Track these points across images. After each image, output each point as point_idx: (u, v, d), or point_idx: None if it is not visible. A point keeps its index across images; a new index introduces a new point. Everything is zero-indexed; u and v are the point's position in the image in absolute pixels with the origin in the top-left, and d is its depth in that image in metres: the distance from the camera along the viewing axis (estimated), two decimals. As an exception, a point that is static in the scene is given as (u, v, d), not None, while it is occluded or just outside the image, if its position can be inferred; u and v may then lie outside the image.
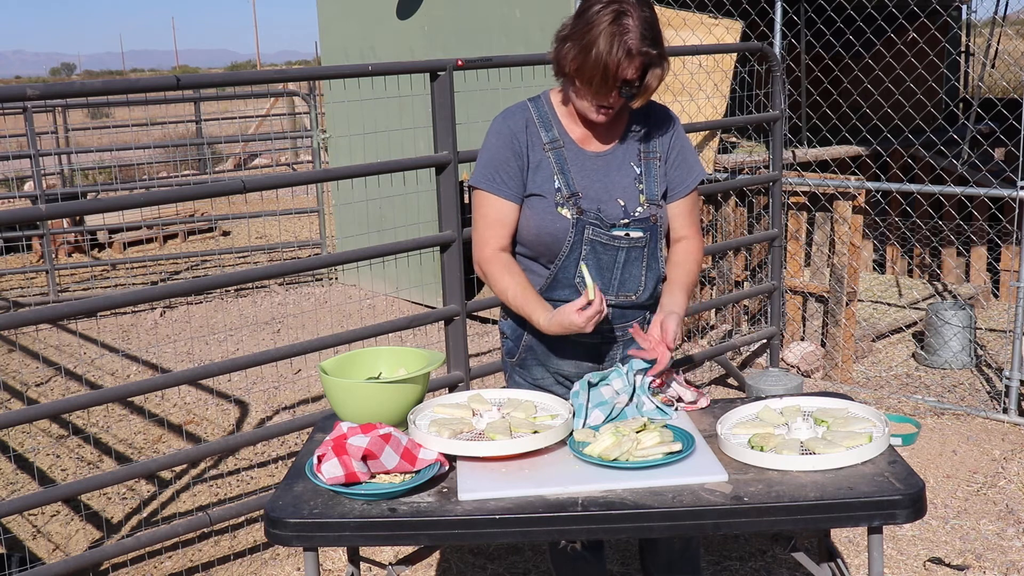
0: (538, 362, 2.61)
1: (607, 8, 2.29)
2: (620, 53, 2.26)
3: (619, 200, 2.50)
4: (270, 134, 11.29)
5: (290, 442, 4.89)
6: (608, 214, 2.48)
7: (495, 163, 2.49)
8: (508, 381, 2.72)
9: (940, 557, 3.57)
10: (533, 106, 2.54)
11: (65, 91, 4.30)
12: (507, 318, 2.65)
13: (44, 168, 8.86)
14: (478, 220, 2.54)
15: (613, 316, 2.55)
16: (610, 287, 2.53)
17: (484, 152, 2.53)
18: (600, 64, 2.28)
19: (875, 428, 2.26)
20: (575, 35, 2.33)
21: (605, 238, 2.48)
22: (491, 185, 2.49)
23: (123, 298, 3.63)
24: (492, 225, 2.51)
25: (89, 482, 3.35)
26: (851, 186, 5.27)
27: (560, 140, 2.50)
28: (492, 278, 2.52)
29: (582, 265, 2.45)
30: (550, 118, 2.52)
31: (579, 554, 2.69)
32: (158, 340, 6.79)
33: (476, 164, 2.54)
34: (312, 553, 2.13)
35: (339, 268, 8.20)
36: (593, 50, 2.27)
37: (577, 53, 2.31)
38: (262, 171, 13.69)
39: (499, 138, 2.51)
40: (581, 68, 2.31)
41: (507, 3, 6.39)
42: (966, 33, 8.81)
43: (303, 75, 5.12)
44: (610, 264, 2.51)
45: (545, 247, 2.50)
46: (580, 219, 2.46)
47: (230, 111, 17.75)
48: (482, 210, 2.52)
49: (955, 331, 5.49)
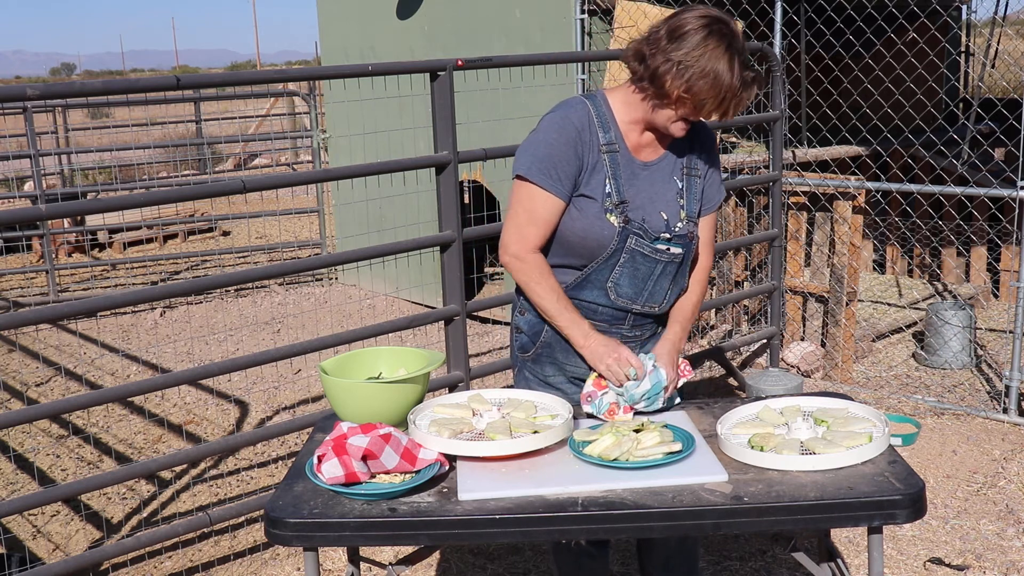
0: (553, 360, 2.61)
1: (715, 30, 2.29)
2: (738, 81, 2.29)
3: (662, 213, 2.49)
4: (270, 134, 11.29)
5: (290, 442, 4.89)
6: (652, 226, 2.47)
7: (554, 159, 2.42)
8: (516, 377, 2.72)
9: (940, 557, 3.57)
10: (591, 104, 2.49)
11: (65, 91, 4.30)
12: (524, 314, 2.63)
13: (44, 168, 8.86)
14: (521, 213, 2.47)
15: (632, 322, 2.57)
16: (639, 297, 2.53)
17: (541, 144, 2.44)
18: (720, 90, 2.29)
19: (875, 428, 2.26)
20: (687, 56, 2.29)
21: (648, 249, 2.48)
22: (547, 181, 2.43)
23: (123, 298, 3.64)
24: (537, 222, 2.45)
25: (89, 482, 3.35)
26: (851, 186, 5.27)
27: (616, 144, 2.47)
28: (527, 278, 2.48)
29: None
30: (608, 120, 2.48)
31: (584, 550, 2.69)
32: (158, 340, 6.79)
33: (527, 154, 2.46)
34: (312, 553, 2.13)
35: (339, 268, 8.20)
36: (715, 77, 2.27)
37: (691, 76, 2.28)
38: (262, 171, 13.68)
39: (561, 133, 2.44)
40: (693, 90, 2.29)
41: (507, 3, 6.39)
42: (966, 33, 8.81)
43: (303, 75, 5.12)
44: (646, 275, 2.51)
45: (587, 250, 2.47)
46: (625, 228, 2.45)
47: (230, 111, 17.75)
48: (528, 204, 2.45)
49: (955, 331, 5.49)
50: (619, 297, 2.52)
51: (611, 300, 2.52)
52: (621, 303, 2.53)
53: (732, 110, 2.36)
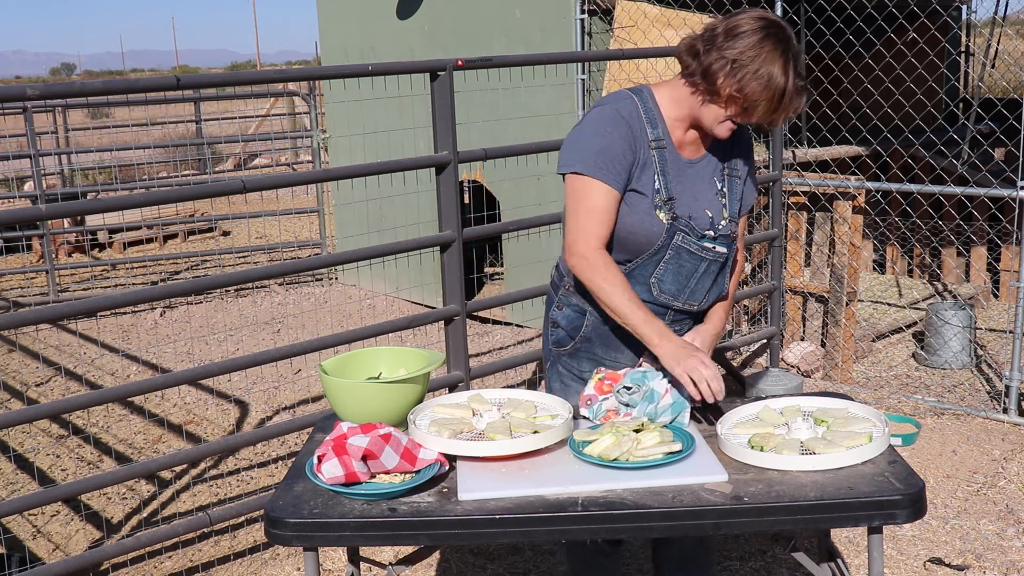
0: (591, 356, 2.59)
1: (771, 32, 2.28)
2: (791, 87, 2.28)
3: (707, 211, 2.49)
4: (270, 134, 11.29)
5: (290, 442, 4.89)
6: (699, 223, 2.47)
7: (610, 152, 2.39)
8: (549, 371, 2.70)
9: (940, 557, 3.57)
10: (639, 99, 2.46)
11: (65, 91, 4.30)
12: (562, 308, 2.62)
13: (44, 168, 8.86)
14: (581, 210, 2.41)
15: (671, 319, 2.56)
16: (681, 294, 2.53)
17: (595, 137, 2.41)
18: (772, 93, 2.28)
19: (875, 428, 2.26)
20: (741, 55, 2.27)
21: (694, 247, 2.47)
22: (605, 174, 2.38)
23: (123, 298, 3.64)
24: (600, 217, 2.40)
25: (89, 482, 3.36)
26: (851, 186, 5.27)
27: (663, 140, 2.45)
28: (595, 275, 2.40)
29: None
30: (656, 115, 2.46)
31: (599, 548, 2.68)
32: (158, 340, 6.79)
33: (578, 148, 2.42)
34: (312, 553, 2.13)
35: (339, 268, 8.20)
36: (768, 79, 2.26)
37: (744, 76, 2.27)
38: (262, 171, 13.69)
39: (615, 126, 2.40)
40: (745, 90, 2.28)
41: (507, 3, 6.39)
42: (966, 33, 8.81)
43: (303, 75, 5.12)
44: (690, 273, 2.51)
45: (635, 246, 2.46)
46: (673, 224, 2.44)
47: (230, 111, 17.75)
48: (588, 200, 2.40)
49: (955, 331, 5.49)
50: (662, 293, 2.51)
51: (653, 296, 2.51)
52: (663, 299, 2.52)
53: (781, 117, 2.34)
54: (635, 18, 5.85)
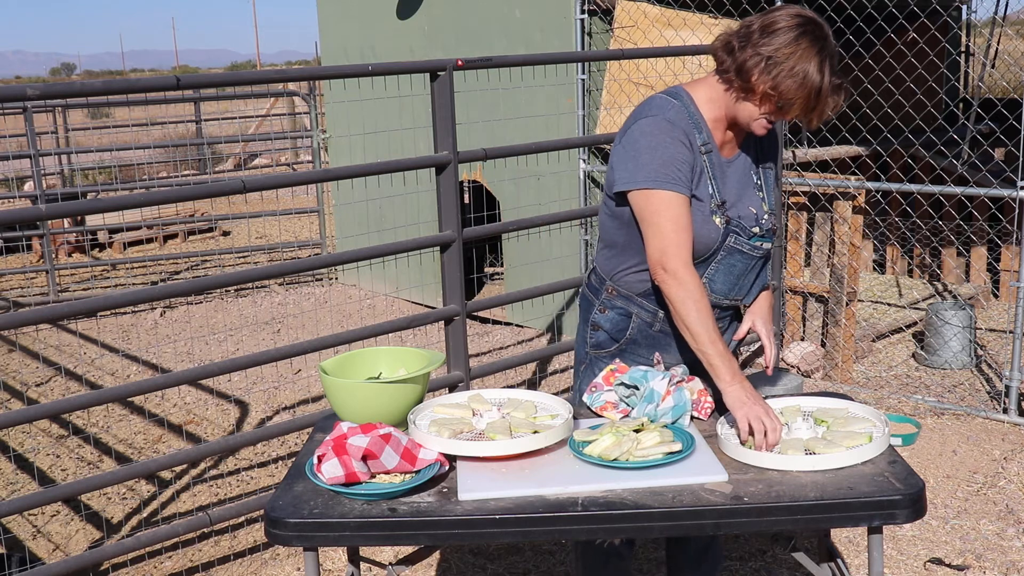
0: (635, 357, 2.58)
1: (808, 30, 2.26)
2: (828, 85, 2.26)
3: (751, 208, 2.49)
4: (270, 134, 11.29)
5: (290, 442, 4.89)
6: (747, 221, 2.47)
7: (676, 161, 2.36)
8: (584, 372, 2.66)
9: (940, 557, 3.57)
10: (681, 104, 2.45)
11: (65, 91, 4.31)
12: (605, 311, 2.59)
13: (44, 168, 8.86)
14: (665, 223, 2.35)
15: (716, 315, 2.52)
16: (731, 292, 2.53)
17: (657, 150, 2.37)
18: (808, 91, 2.26)
19: (875, 428, 2.27)
20: (777, 53, 2.25)
21: (746, 247, 2.47)
22: (678, 186, 2.35)
23: (123, 298, 3.64)
24: (686, 228, 2.36)
25: (89, 482, 3.36)
26: (851, 186, 5.27)
27: (709, 144, 2.44)
28: (686, 297, 2.33)
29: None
30: (699, 120, 2.43)
31: (614, 549, 2.67)
32: (158, 340, 6.79)
33: (643, 163, 2.37)
34: (312, 553, 2.13)
35: (339, 268, 8.20)
36: (803, 77, 2.24)
37: (779, 73, 2.25)
38: (262, 171, 13.69)
39: (673, 136, 2.37)
40: (780, 88, 2.26)
41: (507, 3, 6.39)
42: (966, 33, 8.81)
43: (303, 75, 5.12)
44: (740, 272, 2.51)
45: (693, 252, 2.43)
46: (727, 227, 2.44)
47: (230, 111, 17.74)
48: (669, 212, 2.35)
49: (955, 331, 5.49)
50: (712, 293, 2.50)
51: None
52: (712, 299, 2.50)
53: (818, 115, 2.32)
54: (635, 18, 5.85)
